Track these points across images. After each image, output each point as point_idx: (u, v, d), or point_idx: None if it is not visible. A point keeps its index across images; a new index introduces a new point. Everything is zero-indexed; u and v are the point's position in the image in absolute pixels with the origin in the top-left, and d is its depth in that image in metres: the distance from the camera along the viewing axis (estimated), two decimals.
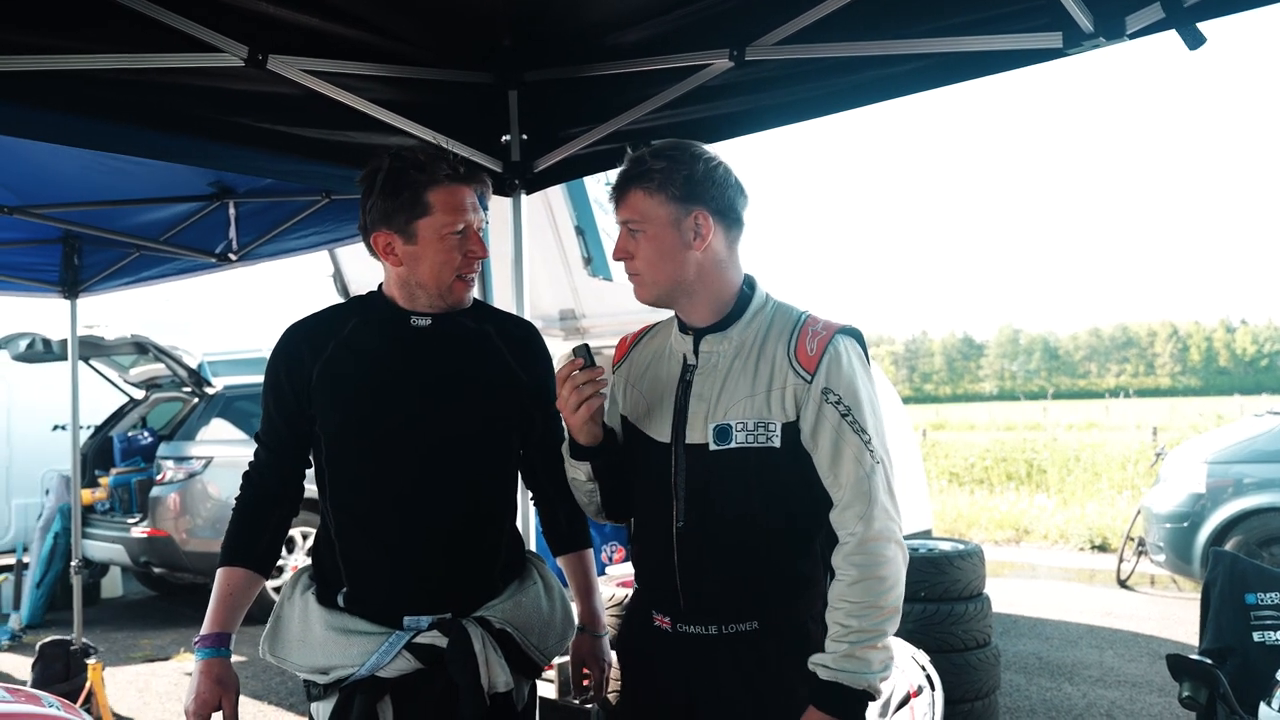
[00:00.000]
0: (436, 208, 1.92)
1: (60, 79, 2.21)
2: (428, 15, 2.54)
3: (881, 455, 1.76)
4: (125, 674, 6.06)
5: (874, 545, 1.71)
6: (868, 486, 1.73)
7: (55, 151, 3.40)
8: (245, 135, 2.63)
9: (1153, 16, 1.97)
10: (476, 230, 1.96)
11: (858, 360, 1.82)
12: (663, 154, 1.83)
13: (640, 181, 1.83)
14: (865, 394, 1.78)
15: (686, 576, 1.82)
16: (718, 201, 1.83)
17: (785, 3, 2.36)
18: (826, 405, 1.76)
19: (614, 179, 1.93)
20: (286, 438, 2.03)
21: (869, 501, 1.72)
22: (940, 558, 4.59)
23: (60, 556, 7.61)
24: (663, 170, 1.80)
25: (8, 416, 9.38)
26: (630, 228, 1.85)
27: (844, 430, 1.75)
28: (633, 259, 1.86)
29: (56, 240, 4.77)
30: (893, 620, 1.71)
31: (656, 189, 1.81)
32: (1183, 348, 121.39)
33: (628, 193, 1.85)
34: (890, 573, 1.71)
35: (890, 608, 1.71)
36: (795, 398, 1.77)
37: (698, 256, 1.83)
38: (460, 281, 1.97)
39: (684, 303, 1.88)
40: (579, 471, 1.93)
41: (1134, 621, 6.96)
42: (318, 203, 3.92)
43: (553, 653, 2.08)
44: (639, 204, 1.83)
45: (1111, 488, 12.74)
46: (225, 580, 2.00)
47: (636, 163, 1.85)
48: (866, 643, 1.68)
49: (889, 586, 1.71)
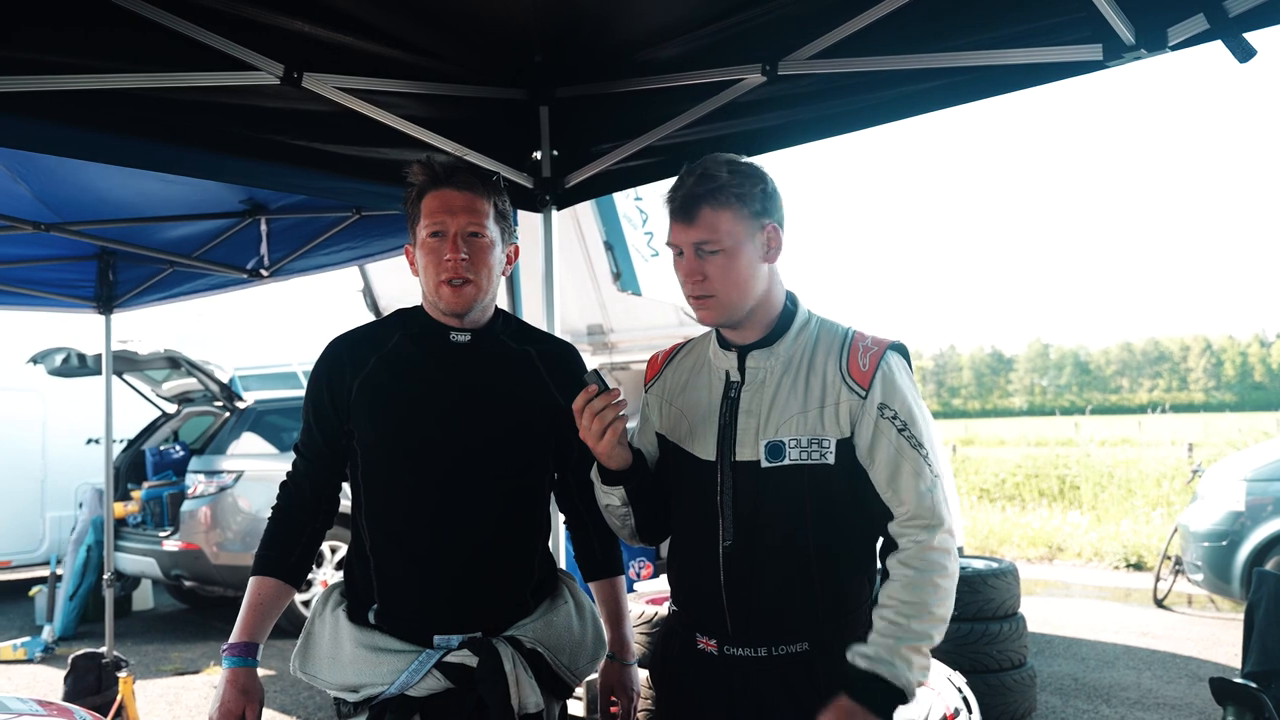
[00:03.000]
0: (423, 212, 1.94)
1: (98, 98, 2.23)
2: (460, 32, 2.55)
3: (938, 469, 1.75)
4: (156, 687, 6.09)
5: (935, 555, 1.70)
6: (930, 501, 1.72)
7: (91, 169, 3.44)
8: (279, 152, 2.65)
9: (1196, 27, 1.92)
10: (456, 235, 1.91)
11: (908, 376, 1.81)
12: (735, 168, 1.77)
13: (717, 198, 1.75)
14: (919, 409, 1.78)
15: (734, 597, 1.79)
16: (780, 214, 1.82)
17: (819, 17, 2.33)
18: (883, 421, 1.74)
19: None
20: (324, 450, 2.03)
21: (932, 514, 1.72)
22: (974, 576, 4.53)
23: (93, 569, 7.68)
24: (739, 185, 1.76)
25: (43, 430, 9.49)
26: (703, 248, 1.76)
27: (902, 446, 1.73)
28: (706, 280, 1.77)
29: (92, 256, 4.82)
30: (940, 629, 1.69)
31: (735, 204, 1.75)
32: (1216, 362, 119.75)
33: (701, 210, 1.75)
34: (947, 584, 1.70)
35: (941, 616, 1.68)
36: (850, 414, 1.75)
37: (767, 271, 1.81)
38: (447, 287, 1.93)
39: (744, 322, 1.83)
40: (612, 497, 1.89)
41: (1172, 642, 6.82)
42: (348, 219, 3.94)
43: (584, 673, 2.06)
44: (718, 222, 1.75)
45: (1146, 505, 12.52)
46: (256, 590, 2.00)
47: (707, 179, 1.76)
48: (911, 643, 1.66)
49: (944, 595, 1.69)
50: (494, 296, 2.05)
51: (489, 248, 1.97)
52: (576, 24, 2.57)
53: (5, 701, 2.88)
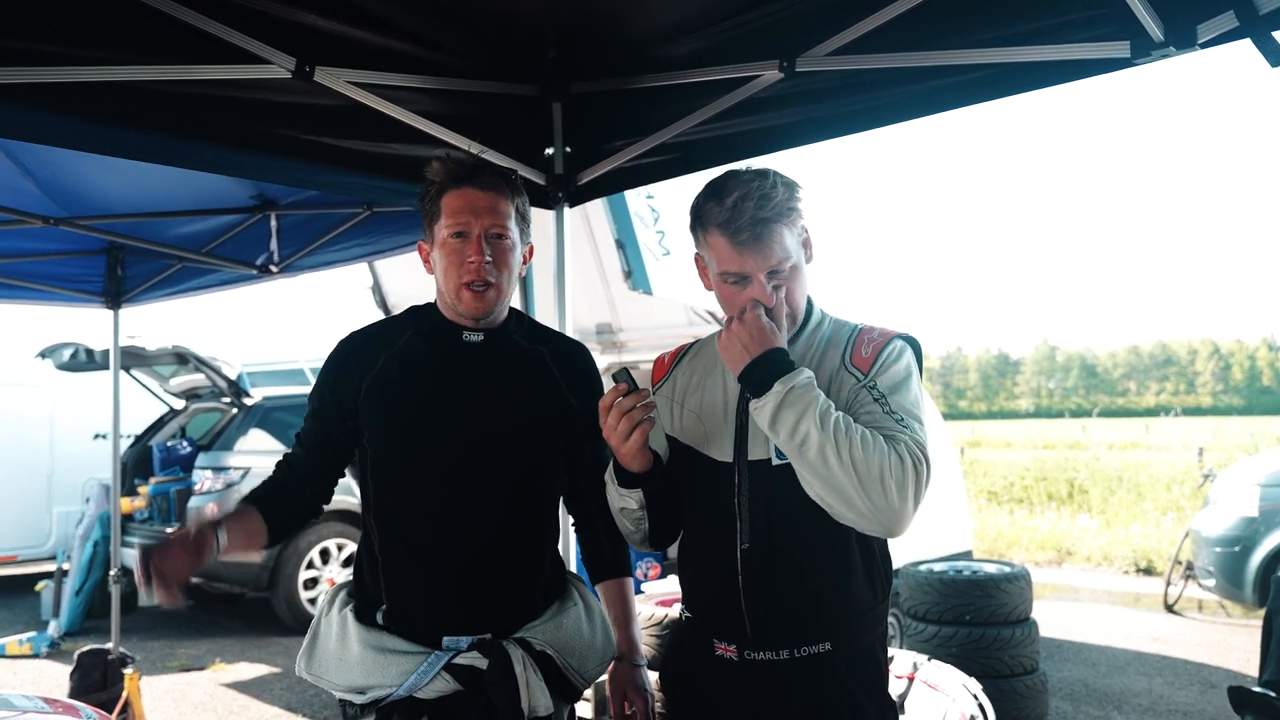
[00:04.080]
0: (443, 211, 1.91)
1: (107, 90, 2.21)
2: (473, 27, 2.52)
3: (922, 442, 1.65)
4: (161, 683, 6.08)
5: (892, 444, 1.61)
6: (903, 442, 1.62)
7: (100, 163, 3.42)
8: (290, 147, 2.62)
9: (1226, 25, 1.87)
10: (479, 236, 1.89)
11: (910, 363, 1.77)
12: (777, 181, 1.75)
13: (783, 218, 1.73)
14: (909, 388, 1.73)
15: (753, 600, 1.75)
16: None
17: (837, 13, 2.30)
18: (864, 393, 1.71)
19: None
20: (322, 444, 2.02)
21: (896, 439, 1.62)
22: (986, 580, 4.48)
23: (99, 564, 7.68)
24: (790, 200, 1.74)
25: (50, 425, 9.50)
26: (783, 270, 1.74)
27: (878, 413, 1.68)
28: (783, 304, 1.75)
29: (100, 251, 4.80)
30: (831, 448, 1.58)
31: (791, 220, 1.75)
32: (1225, 366, 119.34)
33: (774, 233, 1.71)
34: (877, 459, 1.58)
35: (853, 460, 1.58)
36: (847, 397, 1.73)
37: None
38: (467, 291, 1.90)
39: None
40: (629, 500, 1.85)
41: (1183, 648, 6.77)
42: (359, 215, 3.92)
43: (593, 676, 2.04)
44: (788, 243, 1.74)
45: (1156, 509, 12.46)
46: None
47: (765, 200, 1.71)
48: (797, 408, 1.61)
49: (870, 453, 1.58)
50: (510, 297, 2.02)
51: (510, 249, 1.94)
52: (591, 19, 2.54)
53: (11, 699, 2.86)
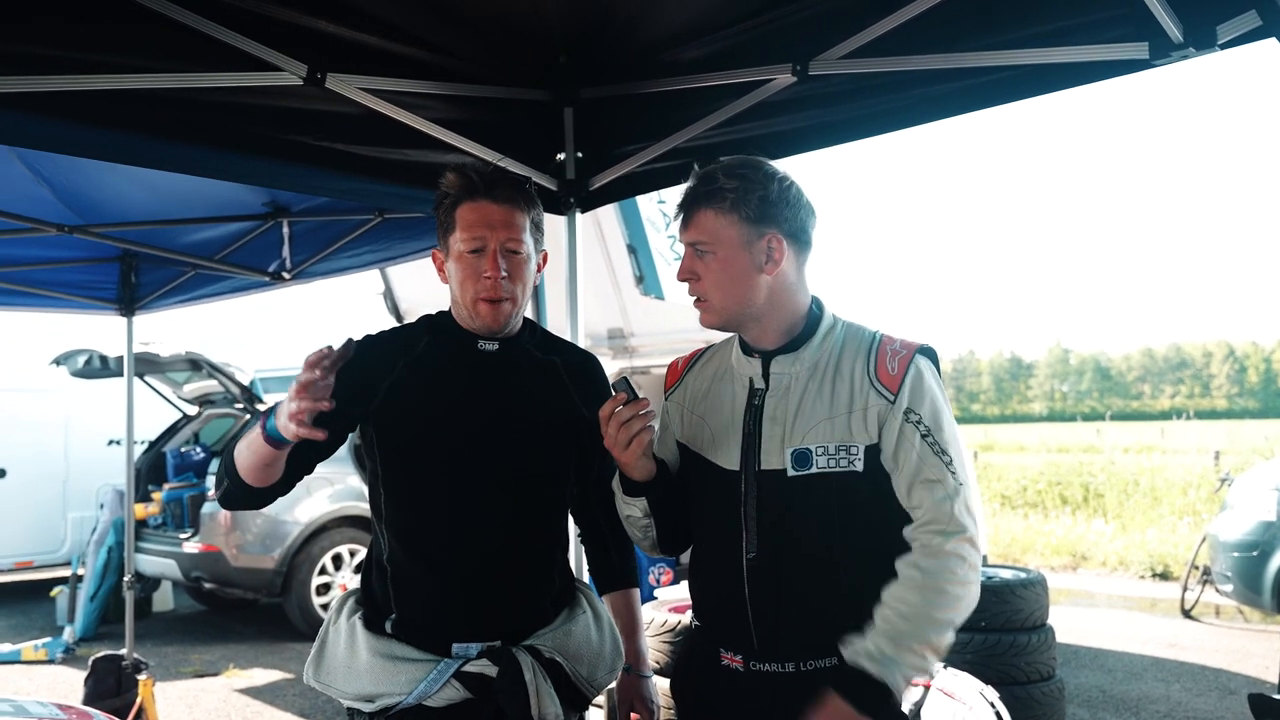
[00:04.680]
0: (459, 224, 1.90)
1: (120, 98, 2.21)
2: (484, 33, 2.51)
3: (964, 478, 1.68)
4: (175, 689, 6.09)
5: (948, 559, 1.62)
6: (950, 508, 1.65)
7: (114, 171, 3.43)
8: (302, 154, 2.62)
9: (1248, 24, 1.85)
10: (495, 251, 1.88)
11: (937, 380, 1.75)
12: (735, 172, 1.74)
13: (711, 201, 1.74)
14: (946, 415, 1.72)
15: (759, 611, 1.73)
16: (790, 223, 1.76)
17: (851, 15, 2.28)
18: (908, 425, 1.68)
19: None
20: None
21: (950, 520, 1.64)
22: (1001, 586, 4.45)
23: (114, 570, 7.70)
24: (735, 190, 1.72)
25: (65, 431, 9.54)
26: (698, 249, 1.76)
27: (925, 452, 1.67)
28: (699, 281, 1.77)
29: (114, 259, 4.82)
30: (941, 633, 1.61)
31: (729, 209, 1.72)
32: (1240, 368, 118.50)
33: (697, 212, 1.75)
34: (956, 589, 1.62)
35: (945, 621, 1.61)
36: (878, 418, 1.70)
37: (768, 281, 1.75)
38: (484, 303, 1.90)
39: (752, 327, 1.80)
40: (634, 508, 1.84)
41: (1200, 654, 6.70)
42: (370, 222, 3.92)
43: (601, 685, 2.03)
44: (709, 224, 1.74)
45: (1172, 513, 12.36)
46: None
47: (707, 180, 1.75)
48: (906, 643, 1.59)
49: (950, 600, 1.61)
50: (525, 308, 2.01)
51: (526, 262, 1.94)
52: (602, 24, 2.53)
53: (26, 705, 2.86)
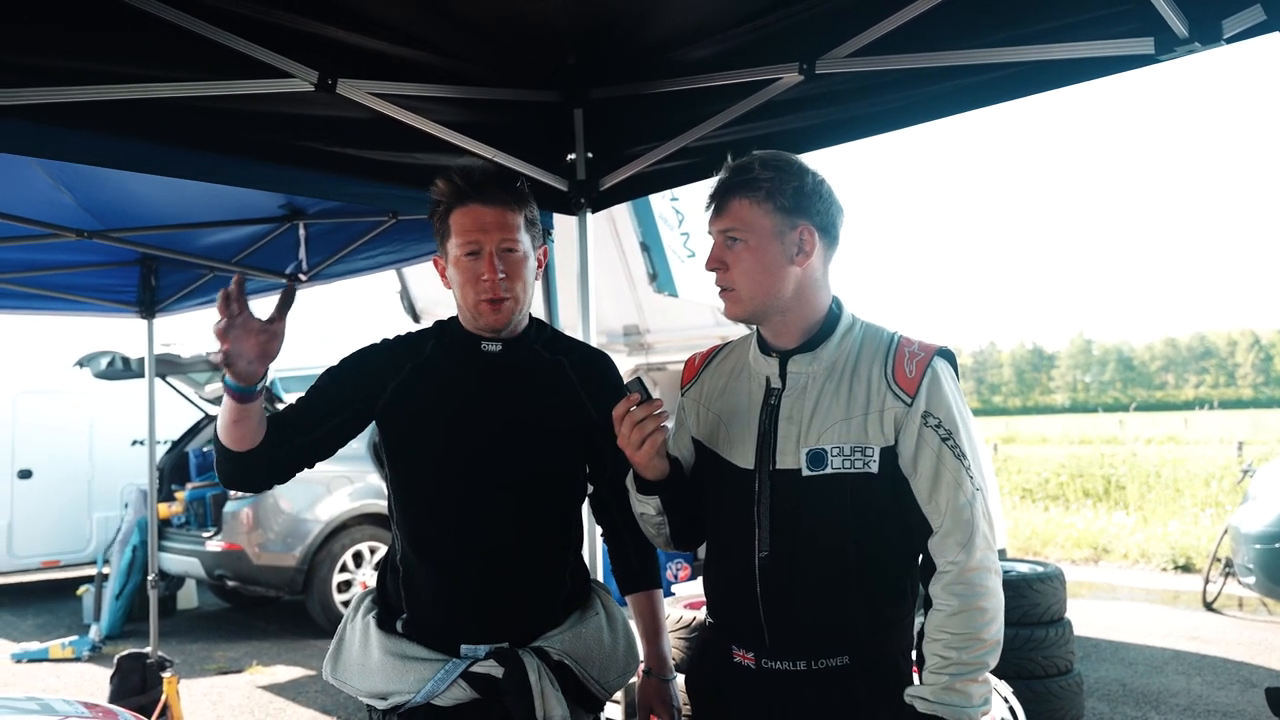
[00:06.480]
0: (453, 230, 1.93)
1: (137, 108, 2.24)
2: (493, 36, 2.53)
3: (981, 482, 1.70)
4: (200, 686, 6.17)
5: (974, 575, 1.65)
6: (969, 514, 1.67)
7: (133, 177, 3.47)
8: (315, 159, 2.65)
9: (1253, 19, 1.84)
10: (491, 253, 1.90)
11: (955, 384, 1.75)
12: (770, 163, 1.75)
13: (746, 190, 1.74)
14: (963, 418, 1.72)
15: (771, 609, 1.74)
16: (822, 217, 1.76)
17: (857, 14, 2.29)
18: (927, 429, 1.69)
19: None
20: (312, 414, 1.93)
21: (970, 530, 1.66)
22: (1019, 580, 4.44)
23: (138, 569, 7.79)
24: (771, 180, 1.73)
25: (90, 432, 9.66)
26: (730, 236, 1.75)
27: (944, 455, 1.68)
28: (727, 271, 1.76)
29: (134, 263, 4.88)
30: (994, 653, 1.65)
31: (764, 198, 1.73)
32: (1265, 357, 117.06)
33: (730, 200, 1.75)
34: (991, 604, 1.65)
35: (992, 640, 1.64)
36: (895, 421, 1.70)
37: (798, 273, 1.75)
38: (486, 304, 1.92)
39: (775, 321, 1.79)
40: (648, 506, 1.86)
41: (1222, 647, 6.66)
42: (385, 223, 3.95)
43: (614, 686, 2.04)
44: (743, 213, 1.74)
45: (1195, 505, 12.26)
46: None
47: (742, 170, 1.76)
48: (967, 675, 1.62)
49: (990, 618, 1.64)
50: (529, 305, 2.03)
51: (523, 261, 1.96)
52: (610, 24, 2.55)
53: (52, 703, 2.92)
